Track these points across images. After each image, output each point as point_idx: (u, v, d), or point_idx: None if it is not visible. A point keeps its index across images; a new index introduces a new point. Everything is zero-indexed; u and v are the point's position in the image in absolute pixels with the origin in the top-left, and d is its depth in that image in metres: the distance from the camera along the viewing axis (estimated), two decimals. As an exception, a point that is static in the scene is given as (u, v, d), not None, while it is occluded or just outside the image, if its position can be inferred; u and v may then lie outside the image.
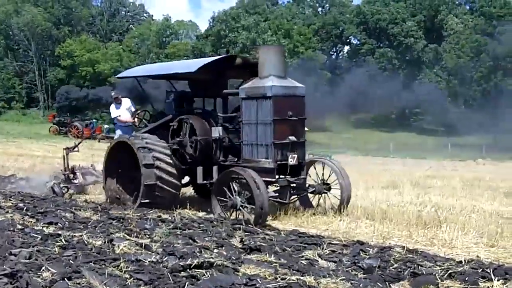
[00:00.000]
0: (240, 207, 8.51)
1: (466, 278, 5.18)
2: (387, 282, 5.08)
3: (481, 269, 5.53)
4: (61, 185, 11.72)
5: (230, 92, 10.23)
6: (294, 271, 5.33)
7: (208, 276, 4.96)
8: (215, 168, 9.50)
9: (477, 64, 61.84)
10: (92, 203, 10.05)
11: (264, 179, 8.55)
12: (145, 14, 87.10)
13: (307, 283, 4.86)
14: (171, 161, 9.58)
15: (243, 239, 6.83)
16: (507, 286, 5.00)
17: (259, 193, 8.20)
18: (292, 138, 8.91)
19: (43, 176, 12.62)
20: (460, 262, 5.98)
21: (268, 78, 8.90)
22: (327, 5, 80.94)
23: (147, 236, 6.84)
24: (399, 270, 5.56)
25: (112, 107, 13.85)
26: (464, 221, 8.33)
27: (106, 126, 46.22)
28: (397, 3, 72.58)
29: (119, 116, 13.53)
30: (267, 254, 5.99)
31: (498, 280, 5.13)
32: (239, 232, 7.46)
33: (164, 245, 6.31)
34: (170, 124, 10.05)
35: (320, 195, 9.83)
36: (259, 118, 9.00)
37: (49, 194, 11.12)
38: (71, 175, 12.10)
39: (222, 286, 4.58)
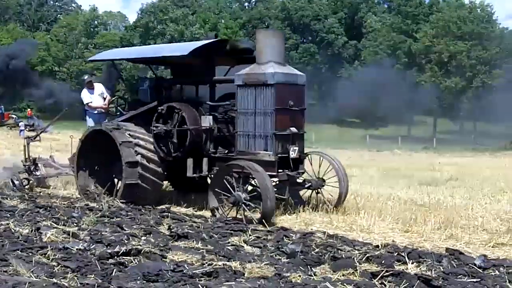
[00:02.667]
0: (243, 204, 7.79)
1: (383, 261, 5.43)
2: (309, 266, 5.28)
3: (396, 253, 5.81)
4: (21, 177, 10.89)
5: (221, 79, 9.56)
6: (220, 257, 5.47)
7: (135, 263, 5.03)
8: (205, 160, 8.87)
9: (394, 61, 64.10)
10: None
11: None
12: (73, 4, 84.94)
13: (233, 268, 5.00)
14: (155, 157, 9.06)
15: (171, 227, 6.92)
16: (420, 268, 5.28)
17: (266, 189, 7.56)
18: (293, 129, 8.37)
19: None
20: (377, 246, 6.27)
21: (268, 64, 8.28)
22: (253, 0, 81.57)
23: (75, 224, 6.82)
24: (320, 254, 5.78)
25: (84, 93, 12.36)
26: (381, 208, 8.62)
27: (14, 115, 44.42)
28: (320, 0, 74.15)
29: (91, 102, 12.24)
30: (195, 241, 6.12)
31: (412, 263, 5.42)
32: (167, 219, 7.53)
33: (92, 233, 6.32)
34: (158, 109, 9.14)
35: (316, 191, 9.09)
36: (258, 107, 8.34)
37: (2, 187, 10.43)
38: (32, 167, 11.14)
39: (150, 272, 4.65)
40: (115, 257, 5.21)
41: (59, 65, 69.65)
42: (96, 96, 12.15)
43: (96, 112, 12.03)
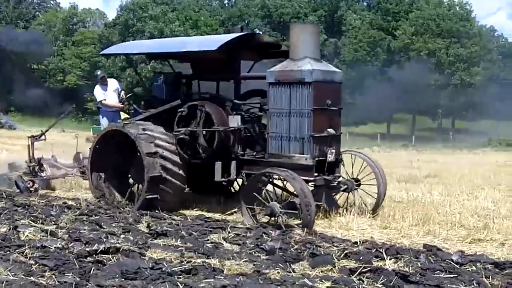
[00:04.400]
0: (280, 214, 7.23)
1: (361, 258, 5.48)
2: (287, 263, 5.31)
3: (374, 249, 5.87)
4: (26, 178, 10.28)
5: (249, 76, 9.04)
6: (199, 254, 5.48)
7: (114, 261, 5.02)
8: (233, 163, 8.26)
9: (373, 58, 64.49)
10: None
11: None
12: (51, 1, 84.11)
13: (212, 265, 5.01)
14: (179, 170, 8.48)
15: (150, 225, 6.91)
16: (398, 264, 5.33)
17: (306, 199, 7.02)
18: (331, 130, 7.82)
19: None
20: (356, 243, 6.33)
21: (304, 60, 7.71)
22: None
23: (53, 222, 6.77)
24: (299, 251, 5.82)
25: (98, 89, 11.63)
26: (359, 205, 8.63)
27: None
28: (300, -2, 74.36)
29: (105, 100, 11.50)
30: (174, 239, 6.12)
31: (390, 259, 5.46)
32: (146, 217, 7.51)
33: (70, 231, 6.28)
34: (179, 110, 8.52)
35: (352, 193, 8.58)
36: (293, 107, 7.77)
37: (8, 189, 9.94)
38: (37, 167, 10.55)
39: (128, 270, 4.64)
40: (94, 255, 5.20)
41: (38, 62, 68.95)
42: (110, 93, 11.49)
43: (110, 110, 11.41)
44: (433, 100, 56.97)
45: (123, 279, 4.49)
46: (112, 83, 11.75)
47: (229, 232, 6.58)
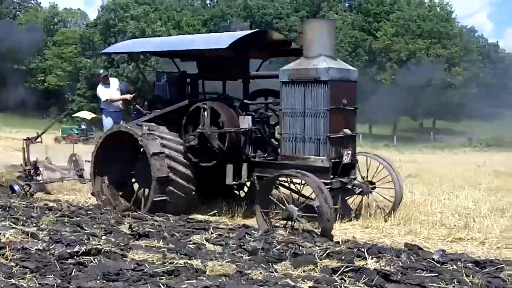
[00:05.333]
0: (297, 218, 6.93)
1: (343, 257, 5.50)
2: (270, 263, 5.31)
3: (356, 249, 5.90)
4: (22, 182, 9.97)
5: (259, 75, 8.77)
6: (182, 255, 5.45)
7: (95, 263, 4.97)
8: (245, 166, 7.99)
9: (355, 59, 64.91)
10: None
11: None
12: (32, 1, 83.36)
13: (194, 266, 4.99)
14: (188, 171, 8.26)
15: (132, 226, 6.87)
16: (379, 263, 5.35)
17: (325, 203, 6.69)
18: (347, 131, 7.56)
19: None
20: (338, 242, 6.39)
21: (319, 58, 7.44)
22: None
23: (34, 224, 6.69)
24: (282, 251, 5.81)
25: (101, 88, 11.22)
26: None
27: None
28: (281, -1, 74.57)
29: (110, 97, 11.03)
30: (156, 240, 6.08)
31: (372, 258, 5.49)
32: (128, 218, 7.46)
33: (51, 233, 6.21)
34: (188, 110, 8.25)
35: (367, 196, 8.40)
36: (308, 107, 7.49)
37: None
38: (33, 171, 10.26)
39: (110, 272, 4.60)
40: (75, 257, 5.13)
41: (18, 62, 68.27)
42: (113, 91, 11.14)
43: (113, 110, 10.98)
44: (414, 100, 57.40)
45: (104, 281, 4.45)
46: (114, 82, 11.47)
47: (211, 233, 6.56)
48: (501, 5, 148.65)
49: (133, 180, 9.10)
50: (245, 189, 9.71)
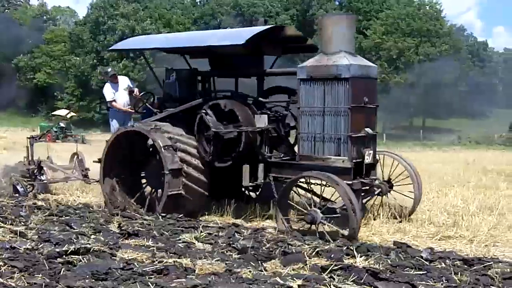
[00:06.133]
0: (321, 222, 6.64)
1: (332, 255, 5.51)
2: (259, 261, 5.32)
3: (345, 247, 5.90)
4: (25, 182, 9.61)
5: (276, 72, 8.50)
6: (171, 254, 5.45)
7: (84, 262, 4.96)
8: (261, 166, 7.69)
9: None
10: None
11: None
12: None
13: (184, 265, 4.99)
14: (200, 164, 7.97)
15: (121, 225, 6.84)
16: (368, 261, 5.38)
17: (352, 206, 6.43)
18: (368, 130, 7.27)
19: None
20: (327, 240, 6.36)
21: (340, 54, 7.13)
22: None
23: (22, 223, 6.67)
24: (271, 249, 5.82)
25: (107, 88, 10.72)
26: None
27: None
28: (272, -3, 74.64)
29: (114, 101, 10.62)
30: (145, 239, 6.07)
31: (360, 257, 5.52)
32: (117, 217, 7.43)
33: (40, 232, 6.19)
34: (203, 108, 7.92)
35: (386, 197, 8.16)
36: (328, 105, 7.19)
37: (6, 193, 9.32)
38: (36, 170, 9.90)
39: (98, 271, 4.59)
40: (64, 256, 5.13)
41: (7, 60, 67.91)
42: (121, 92, 10.71)
43: (118, 111, 10.66)
44: (404, 98, 57.67)
45: (93, 280, 4.44)
46: (123, 81, 10.97)
47: (201, 232, 6.55)
48: (490, 4, 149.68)
49: (144, 182, 8.86)
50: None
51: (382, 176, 8.00)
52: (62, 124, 39.21)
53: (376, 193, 7.77)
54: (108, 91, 10.67)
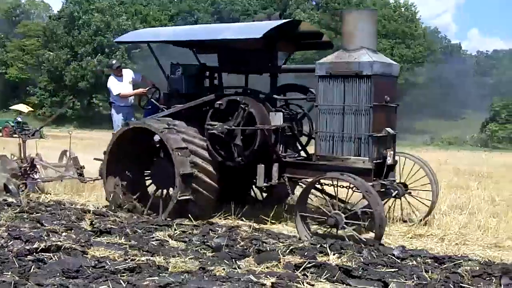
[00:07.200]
0: (344, 225, 6.34)
1: (306, 253, 5.56)
2: (233, 259, 5.32)
3: (319, 245, 5.94)
4: (18, 182, 9.17)
5: (292, 68, 8.27)
6: (144, 252, 5.43)
7: (55, 260, 4.91)
8: (275, 166, 7.38)
9: (322, 57, 65.51)
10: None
11: None
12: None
13: (157, 263, 4.97)
14: (210, 167, 7.60)
15: (93, 222, 6.78)
16: (341, 259, 5.44)
17: (378, 208, 6.18)
18: (390, 130, 7.03)
19: None
20: (301, 238, 6.41)
21: (361, 51, 6.89)
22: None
23: (-8, 220, 6.57)
24: (245, 247, 5.83)
25: (112, 81, 10.22)
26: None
27: None
28: (249, -5, 74.72)
29: (119, 93, 10.03)
30: (118, 236, 6.05)
31: (334, 254, 5.57)
32: (89, 215, 7.36)
33: (10, 229, 6.11)
34: (217, 103, 7.59)
35: (402, 199, 7.90)
36: (348, 103, 6.92)
37: None
38: (29, 168, 9.47)
39: (70, 269, 4.55)
40: (34, 253, 5.07)
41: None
42: (126, 85, 10.20)
43: (124, 105, 10.09)
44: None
45: (64, 278, 4.40)
46: (127, 74, 10.44)
47: (175, 229, 6.54)
48: (465, 7, 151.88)
49: (148, 181, 8.55)
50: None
51: (400, 178, 7.74)
52: (19, 119, 38.45)
53: (393, 195, 7.43)
54: (114, 84, 10.18)
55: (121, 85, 10.11)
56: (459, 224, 7.53)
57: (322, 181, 6.85)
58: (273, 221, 7.53)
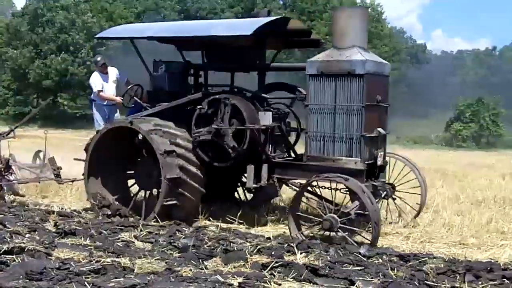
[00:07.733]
0: (339, 229, 6.24)
1: (273, 253, 5.57)
2: (200, 260, 5.30)
3: (286, 244, 5.97)
4: None
5: (282, 66, 8.13)
6: (109, 253, 5.36)
7: (18, 262, 4.82)
8: (265, 167, 7.21)
9: (289, 56, 65.79)
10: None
11: None
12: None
13: (122, 264, 4.92)
14: (197, 171, 7.37)
15: (57, 223, 6.67)
16: (308, 258, 5.46)
17: (373, 209, 6.14)
18: (381, 130, 6.94)
19: None
20: (269, 238, 6.43)
21: (353, 49, 6.78)
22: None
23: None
24: (212, 247, 5.83)
25: (96, 77, 9.86)
26: (274, 201, 8.79)
27: None
28: (217, -7, 74.51)
29: (102, 91, 9.73)
30: (82, 238, 5.96)
31: (301, 253, 5.59)
32: (53, 216, 7.24)
33: (-29, 231, 5.97)
34: (198, 107, 7.40)
35: (390, 200, 7.85)
36: (339, 103, 6.80)
37: None
38: (4, 169, 8.99)
39: (33, 271, 4.47)
40: (-4, 255, 4.95)
41: None
42: (110, 84, 9.88)
43: (105, 104, 9.85)
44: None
45: (27, 280, 4.31)
46: (112, 72, 10.06)
47: (141, 230, 6.48)
48: (430, 8, 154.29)
49: (131, 181, 8.29)
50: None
51: (389, 179, 7.70)
52: None
53: (382, 196, 7.40)
54: (96, 80, 9.85)
55: (105, 84, 9.83)
56: (424, 222, 7.64)
57: (314, 183, 6.74)
58: (240, 221, 7.52)
